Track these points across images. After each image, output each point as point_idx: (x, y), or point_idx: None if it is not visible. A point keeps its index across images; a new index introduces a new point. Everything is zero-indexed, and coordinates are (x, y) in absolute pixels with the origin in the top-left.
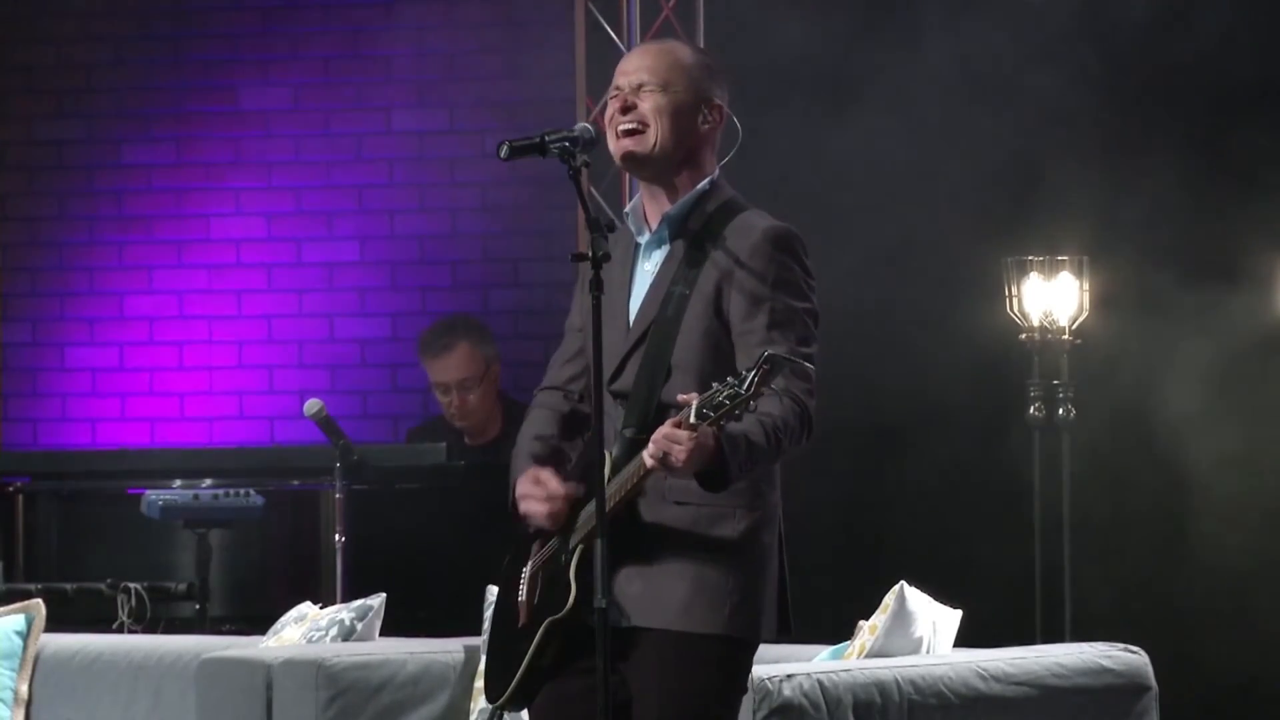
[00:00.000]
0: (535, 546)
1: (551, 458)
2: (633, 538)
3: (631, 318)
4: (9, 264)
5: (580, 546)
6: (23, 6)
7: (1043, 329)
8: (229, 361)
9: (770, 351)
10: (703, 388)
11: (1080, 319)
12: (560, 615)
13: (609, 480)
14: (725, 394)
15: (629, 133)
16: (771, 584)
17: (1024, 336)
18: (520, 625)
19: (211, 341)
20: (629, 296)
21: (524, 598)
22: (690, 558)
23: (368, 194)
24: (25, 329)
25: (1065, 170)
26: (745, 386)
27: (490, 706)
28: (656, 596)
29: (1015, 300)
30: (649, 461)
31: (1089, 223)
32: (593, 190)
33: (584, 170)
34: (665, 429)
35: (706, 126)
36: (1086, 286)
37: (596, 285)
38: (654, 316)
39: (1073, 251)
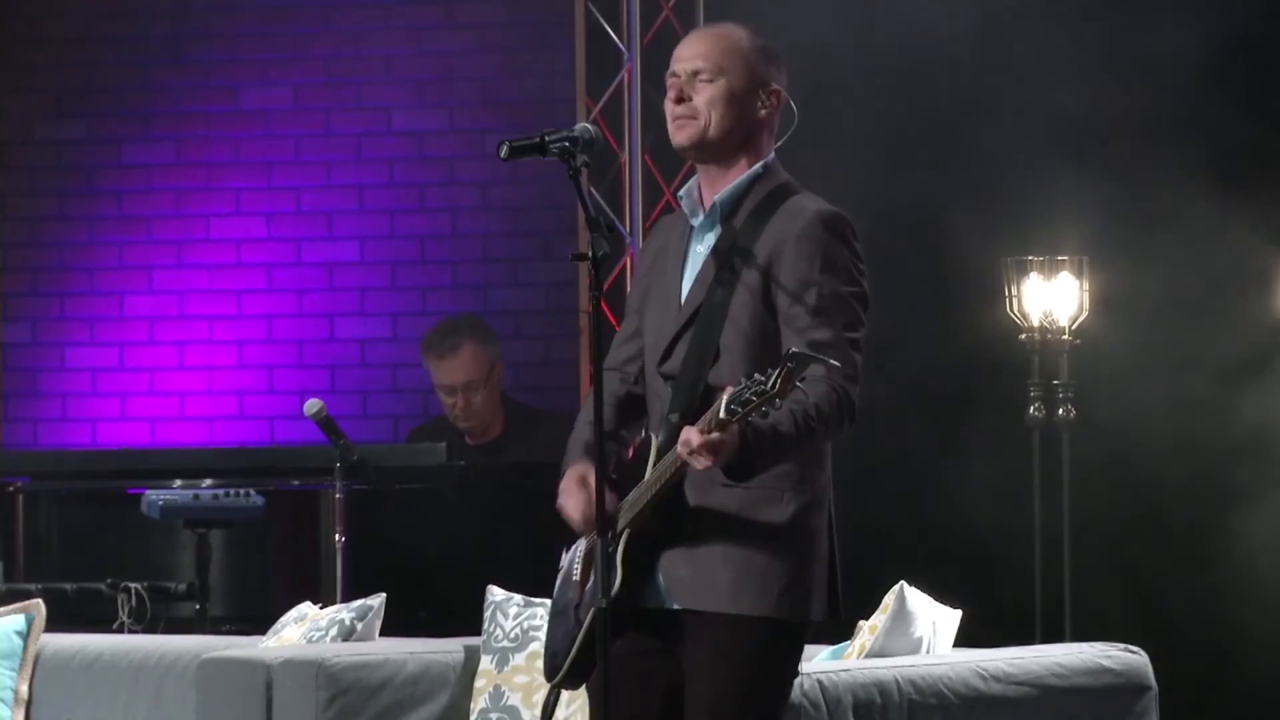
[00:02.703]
0: None
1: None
2: (680, 520)
3: (683, 299)
4: (9, 264)
5: (628, 530)
6: (23, 6)
7: (1043, 329)
8: (229, 361)
9: (794, 349)
10: (750, 370)
11: (1080, 319)
12: (605, 603)
13: (653, 465)
14: (752, 391)
15: (682, 125)
16: (820, 566)
17: (1024, 336)
18: (576, 604)
19: (212, 341)
20: (682, 278)
21: (578, 577)
22: (738, 541)
23: (368, 194)
24: (25, 329)
25: (1065, 170)
26: (770, 384)
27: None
28: (705, 579)
29: (1015, 300)
30: (681, 455)
31: (1089, 223)
32: (593, 190)
33: (584, 170)
34: (689, 433)
35: (764, 111)
36: (1086, 286)
37: (596, 286)
38: (702, 299)
39: (1073, 251)
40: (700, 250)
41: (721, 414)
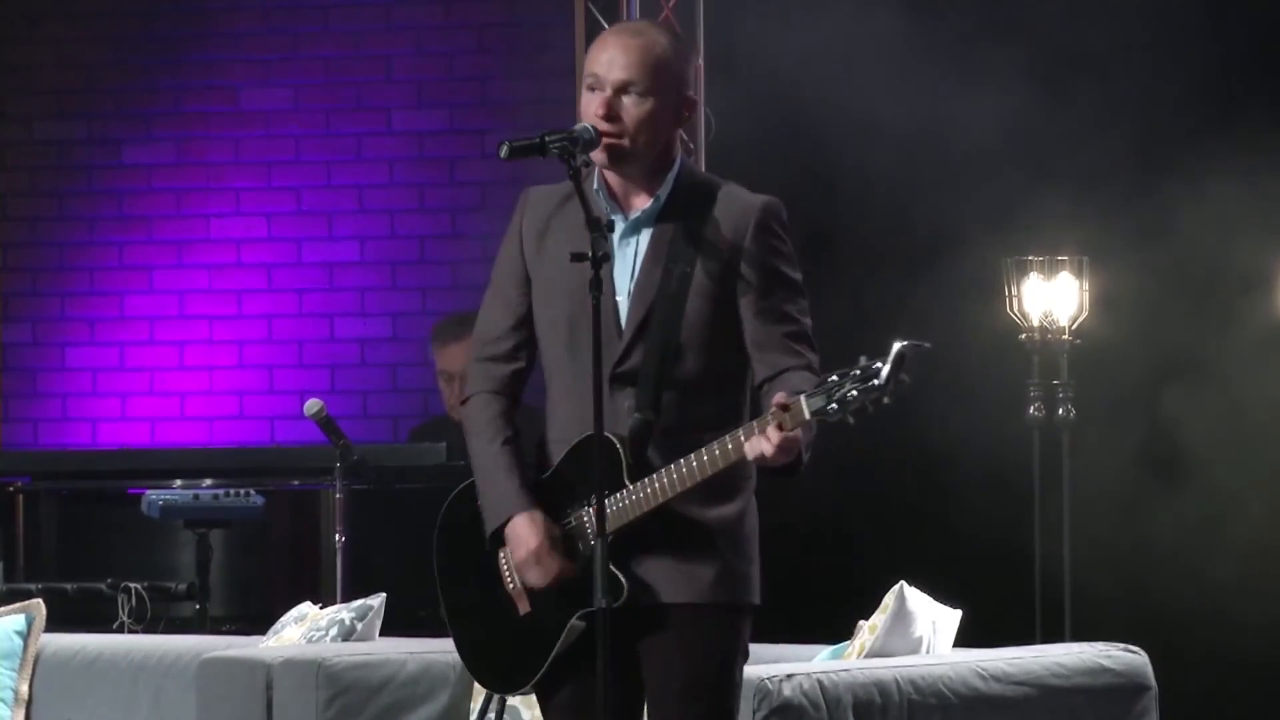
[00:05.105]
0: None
1: (519, 464)
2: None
3: (620, 298)
4: (9, 264)
5: (602, 540)
6: (24, 6)
7: (1042, 329)
8: (229, 361)
9: (903, 344)
10: (713, 365)
11: (1080, 319)
12: (616, 605)
13: (627, 465)
14: (851, 388)
15: (610, 142)
16: (756, 555)
17: (1024, 336)
18: (524, 614)
19: (212, 341)
20: (613, 275)
21: (516, 586)
22: (702, 535)
23: (368, 194)
24: (26, 329)
25: (1066, 170)
26: (884, 380)
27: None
28: (682, 573)
29: (1015, 300)
30: (755, 452)
31: (1089, 223)
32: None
33: (584, 170)
34: (765, 438)
35: (681, 124)
36: (1086, 286)
37: (596, 285)
38: (654, 297)
39: (1073, 251)
40: (632, 249)
41: (806, 415)
